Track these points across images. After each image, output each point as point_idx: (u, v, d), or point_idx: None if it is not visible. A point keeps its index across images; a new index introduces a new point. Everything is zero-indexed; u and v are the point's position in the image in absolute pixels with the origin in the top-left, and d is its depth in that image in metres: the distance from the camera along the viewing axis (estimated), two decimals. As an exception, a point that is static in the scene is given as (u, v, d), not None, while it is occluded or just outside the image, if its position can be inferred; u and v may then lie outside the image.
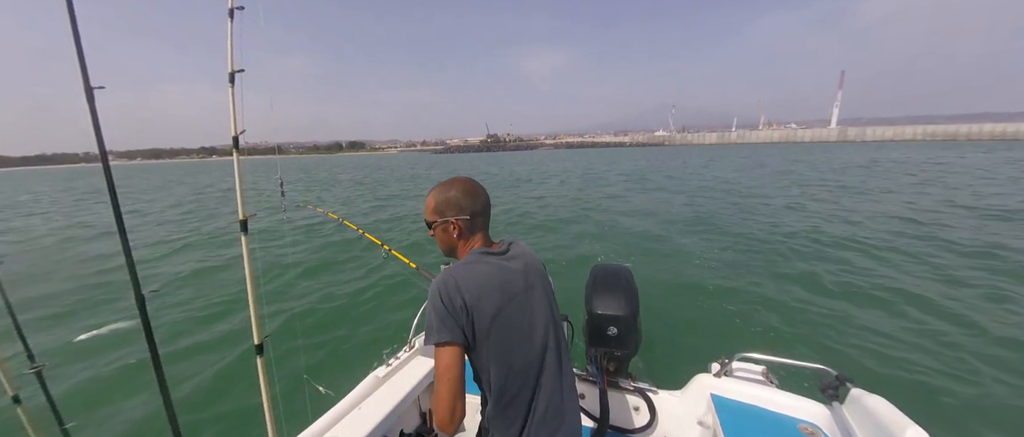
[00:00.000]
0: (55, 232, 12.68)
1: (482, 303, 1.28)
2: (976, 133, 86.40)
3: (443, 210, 1.43)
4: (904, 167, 27.61)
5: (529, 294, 1.39)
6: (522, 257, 1.46)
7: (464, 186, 1.44)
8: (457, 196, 1.42)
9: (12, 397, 1.71)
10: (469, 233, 1.44)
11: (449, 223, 1.42)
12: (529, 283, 1.41)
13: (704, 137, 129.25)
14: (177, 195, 26.34)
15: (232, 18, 1.95)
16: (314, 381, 3.92)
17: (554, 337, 1.41)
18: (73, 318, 5.88)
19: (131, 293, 1.79)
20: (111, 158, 1.72)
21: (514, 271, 1.39)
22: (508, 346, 1.31)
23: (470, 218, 1.42)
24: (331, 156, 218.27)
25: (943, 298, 6.12)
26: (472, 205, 1.42)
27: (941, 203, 13.72)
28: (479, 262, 1.37)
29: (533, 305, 1.39)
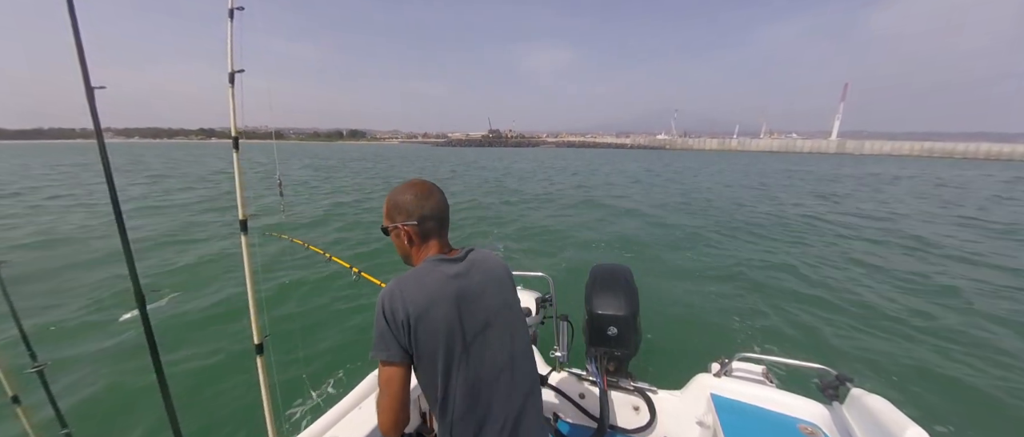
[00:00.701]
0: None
1: (429, 315, 1.21)
2: (973, 152, 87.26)
3: (393, 215, 1.37)
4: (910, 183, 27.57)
5: (483, 304, 1.32)
6: (481, 264, 1.39)
7: (416, 190, 1.36)
8: (408, 200, 1.34)
9: (12, 397, 1.71)
10: (421, 240, 1.36)
11: (399, 229, 1.36)
12: (485, 291, 1.34)
13: (705, 143, 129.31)
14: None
15: (232, 18, 1.95)
16: (314, 381, 3.93)
17: (510, 351, 1.33)
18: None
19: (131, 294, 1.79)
20: (109, 135, 1.71)
21: (468, 280, 1.32)
22: (457, 359, 1.23)
23: (418, 223, 1.33)
24: (332, 144, 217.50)
25: (943, 298, 6.13)
26: (422, 209, 1.34)
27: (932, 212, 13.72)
28: (430, 272, 1.30)
29: (488, 316, 1.32)
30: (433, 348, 1.21)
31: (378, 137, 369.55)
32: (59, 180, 23.48)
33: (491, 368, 1.27)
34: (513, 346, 1.34)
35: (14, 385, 1.70)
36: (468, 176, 29.36)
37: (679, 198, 17.85)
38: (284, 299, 6.37)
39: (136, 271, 1.82)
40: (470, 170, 35.39)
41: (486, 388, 1.25)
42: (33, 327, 4.73)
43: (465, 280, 1.31)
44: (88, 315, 5.87)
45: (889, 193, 20.08)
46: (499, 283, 1.40)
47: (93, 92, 1.62)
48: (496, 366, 1.28)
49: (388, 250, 8.47)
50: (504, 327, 1.34)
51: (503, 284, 1.41)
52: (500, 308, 1.35)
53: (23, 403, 1.72)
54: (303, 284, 7.15)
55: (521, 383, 1.33)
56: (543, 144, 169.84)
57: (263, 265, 6.88)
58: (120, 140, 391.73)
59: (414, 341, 1.21)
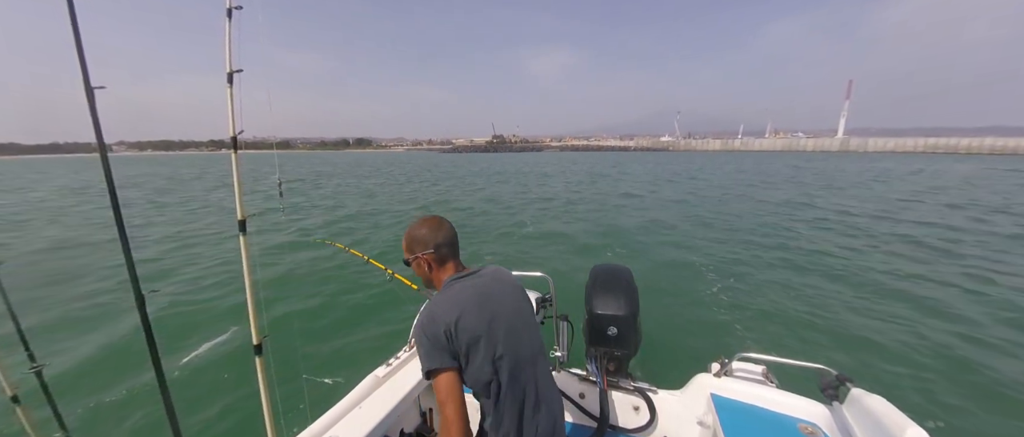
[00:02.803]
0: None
1: (462, 322, 1.40)
2: (977, 146, 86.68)
3: (413, 248, 1.59)
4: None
5: (505, 302, 1.53)
6: (494, 274, 1.61)
7: (429, 224, 1.60)
8: (424, 233, 1.58)
9: (11, 397, 1.71)
10: (439, 264, 1.58)
11: (419, 258, 1.58)
12: (503, 294, 1.55)
13: (708, 143, 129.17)
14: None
15: (230, 18, 1.96)
16: (313, 381, 3.94)
17: (535, 341, 1.55)
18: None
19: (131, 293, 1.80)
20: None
21: (487, 285, 1.54)
22: (495, 352, 1.41)
23: (435, 251, 1.56)
24: (339, 152, 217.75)
25: (943, 298, 6.11)
26: (436, 239, 1.57)
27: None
28: (452, 287, 1.52)
29: (510, 314, 1.51)
30: (475, 346, 1.40)
31: (383, 145, 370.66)
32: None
33: (525, 353, 1.48)
34: (534, 341, 1.55)
35: (13, 385, 1.71)
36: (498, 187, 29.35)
37: (679, 198, 17.83)
38: (285, 299, 6.39)
39: (136, 272, 1.82)
40: (479, 174, 35.44)
41: (522, 372, 1.46)
42: (32, 327, 4.76)
43: (484, 287, 1.52)
44: (88, 315, 5.90)
45: (890, 189, 19.98)
46: (513, 289, 1.61)
47: (93, 92, 1.63)
48: (528, 352, 1.49)
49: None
50: (524, 324, 1.54)
51: (516, 290, 1.63)
52: (518, 308, 1.56)
53: (22, 403, 1.72)
54: (305, 284, 7.17)
55: (546, 370, 1.56)
56: (547, 148, 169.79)
57: (311, 272, 6.91)
58: (133, 153, 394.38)
59: (458, 346, 1.39)
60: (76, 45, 1.57)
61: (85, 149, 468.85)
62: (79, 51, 1.58)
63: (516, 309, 1.55)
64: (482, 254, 9.48)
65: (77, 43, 1.57)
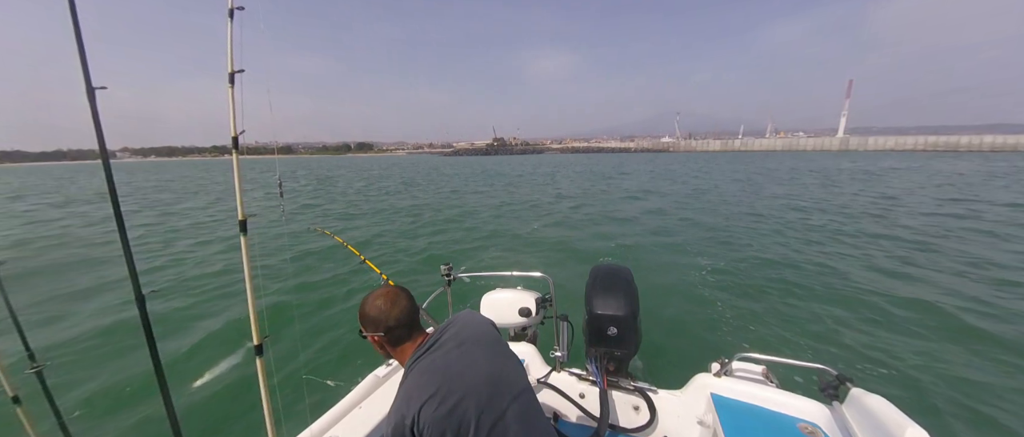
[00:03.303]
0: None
1: (425, 413, 1.24)
2: (977, 144, 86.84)
3: (365, 325, 1.46)
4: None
5: (476, 366, 1.35)
6: (459, 333, 1.45)
7: (381, 301, 1.45)
8: (374, 314, 1.44)
9: (12, 397, 1.71)
10: (393, 345, 1.46)
11: (371, 339, 1.46)
12: (474, 354, 1.39)
13: (708, 144, 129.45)
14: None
15: (232, 18, 1.96)
16: (314, 381, 3.94)
17: (517, 393, 1.36)
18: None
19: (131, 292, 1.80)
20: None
21: (452, 356, 1.37)
22: (470, 432, 1.24)
23: (387, 334, 1.43)
24: (341, 157, 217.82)
25: (942, 297, 6.11)
26: (387, 321, 1.42)
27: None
28: (413, 371, 1.36)
29: (482, 380, 1.33)
30: (447, 429, 1.22)
31: (385, 148, 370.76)
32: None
33: (502, 413, 1.29)
34: (514, 393, 1.36)
35: (13, 386, 1.71)
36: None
37: (679, 199, 17.82)
38: (285, 299, 6.39)
39: (136, 271, 1.82)
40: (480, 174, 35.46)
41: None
42: (32, 327, 4.76)
43: (448, 362, 1.35)
44: (88, 315, 5.90)
45: (887, 188, 19.95)
46: (485, 347, 1.43)
47: (94, 92, 1.63)
48: (503, 411, 1.29)
49: (426, 267, 8.51)
50: (504, 391, 1.34)
51: (491, 346, 1.45)
52: (492, 374, 1.36)
53: (23, 404, 1.72)
54: (305, 284, 7.18)
55: (533, 419, 1.36)
56: (547, 150, 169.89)
57: (312, 272, 6.87)
58: (137, 159, 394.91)
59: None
60: (77, 45, 1.57)
61: (90, 156, 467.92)
62: (81, 51, 1.58)
63: (489, 369, 1.37)
64: (483, 253, 9.49)
65: (78, 43, 1.57)
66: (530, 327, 3.00)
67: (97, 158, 1.73)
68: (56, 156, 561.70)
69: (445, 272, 2.92)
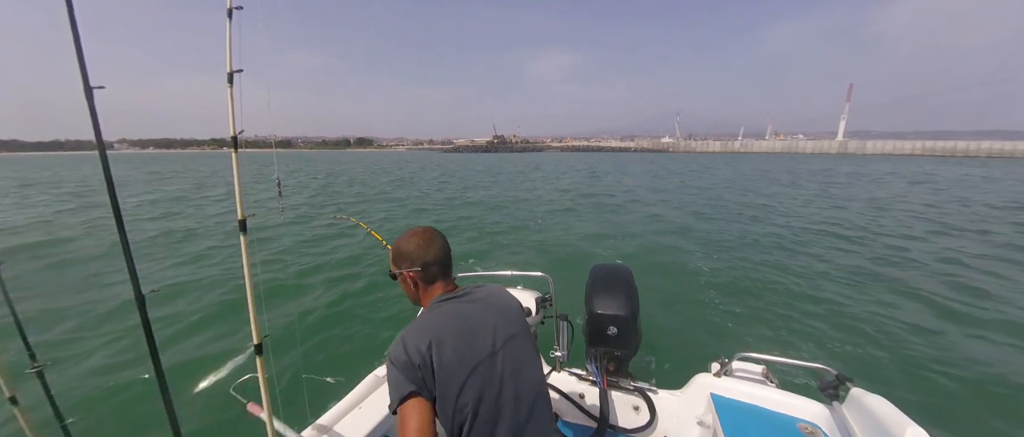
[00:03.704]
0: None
1: (438, 350, 1.24)
2: (974, 150, 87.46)
3: (399, 262, 1.46)
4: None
5: (490, 337, 1.34)
6: (486, 299, 1.44)
7: (419, 237, 1.45)
8: (412, 249, 1.43)
9: (9, 398, 1.71)
10: (426, 284, 1.44)
11: (404, 275, 1.45)
12: (491, 325, 1.37)
13: (708, 145, 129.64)
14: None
15: (231, 18, 1.95)
16: (314, 381, 3.92)
17: (516, 384, 1.32)
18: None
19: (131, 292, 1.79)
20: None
21: (476, 312, 1.38)
22: (468, 390, 1.24)
23: (422, 269, 1.42)
24: (341, 151, 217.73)
25: (944, 297, 6.11)
26: (425, 256, 1.42)
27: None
28: (435, 312, 1.36)
29: (498, 347, 1.33)
30: (447, 381, 1.23)
31: (384, 144, 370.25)
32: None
33: (508, 396, 1.28)
34: (526, 373, 1.35)
35: (13, 386, 1.70)
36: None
37: (679, 199, 17.81)
38: (284, 298, 6.39)
39: (136, 271, 1.82)
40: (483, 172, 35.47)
41: (498, 419, 1.26)
42: (32, 327, 4.76)
43: (470, 315, 1.36)
44: (88, 315, 5.90)
45: (884, 191, 19.98)
46: (505, 317, 1.42)
47: (92, 91, 1.62)
48: (512, 394, 1.29)
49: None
50: (513, 356, 1.35)
51: (510, 318, 1.43)
52: (509, 337, 1.37)
53: (21, 404, 1.72)
54: (304, 283, 7.18)
55: (537, 413, 1.34)
56: (547, 149, 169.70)
57: (313, 272, 6.90)
58: (135, 150, 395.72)
59: (431, 377, 1.23)
60: (75, 45, 1.56)
61: (87, 146, 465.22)
62: (78, 51, 1.57)
63: (508, 340, 1.36)
64: (483, 253, 9.48)
65: (76, 43, 1.56)
66: (530, 327, 3.01)
67: (95, 149, 1.72)
68: (53, 146, 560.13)
69: None
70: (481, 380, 1.26)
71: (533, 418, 1.32)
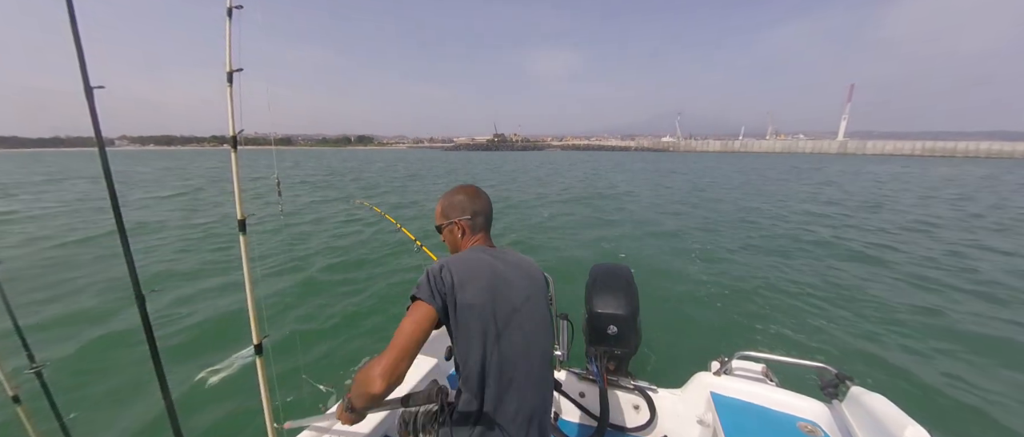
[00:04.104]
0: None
1: (469, 286, 1.32)
2: (973, 150, 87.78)
3: (449, 213, 1.58)
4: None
5: (514, 290, 1.41)
6: (515, 259, 1.52)
7: (467, 191, 1.59)
8: (462, 199, 1.57)
9: (12, 397, 1.71)
10: (472, 232, 1.56)
11: (454, 224, 1.56)
12: (517, 281, 1.44)
13: (708, 144, 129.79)
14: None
15: (231, 17, 1.95)
16: (313, 381, 3.93)
17: (534, 339, 1.40)
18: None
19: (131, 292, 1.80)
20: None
21: (504, 267, 1.44)
22: (491, 333, 1.31)
23: (471, 218, 1.55)
24: (347, 150, 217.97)
25: (945, 294, 6.11)
26: (473, 206, 1.56)
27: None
28: (472, 254, 1.45)
29: (517, 302, 1.39)
30: (470, 318, 1.31)
31: (385, 142, 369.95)
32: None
33: (519, 349, 1.35)
34: (537, 336, 1.42)
35: (13, 385, 1.71)
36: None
37: (678, 198, 17.81)
38: (284, 298, 6.39)
39: (136, 271, 1.82)
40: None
41: (512, 367, 1.33)
42: (32, 327, 4.76)
43: (501, 267, 1.43)
44: (88, 315, 5.90)
45: (883, 189, 20.00)
46: (530, 278, 1.50)
47: (92, 91, 1.63)
48: (522, 349, 1.36)
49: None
50: (530, 316, 1.41)
51: (534, 280, 1.51)
52: (528, 298, 1.44)
53: (23, 403, 1.73)
54: (304, 282, 7.18)
55: (542, 373, 1.41)
56: (548, 148, 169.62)
57: (313, 271, 6.94)
58: (136, 147, 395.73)
59: (453, 306, 1.31)
60: (75, 44, 1.56)
61: (87, 143, 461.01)
62: (78, 51, 1.57)
63: (528, 300, 1.43)
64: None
65: (76, 42, 1.56)
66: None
67: (94, 145, 1.73)
68: (53, 143, 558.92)
69: None
70: (498, 327, 1.33)
71: (540, 376, 1.39)
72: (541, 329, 1.44)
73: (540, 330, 1.43)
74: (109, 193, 1.71)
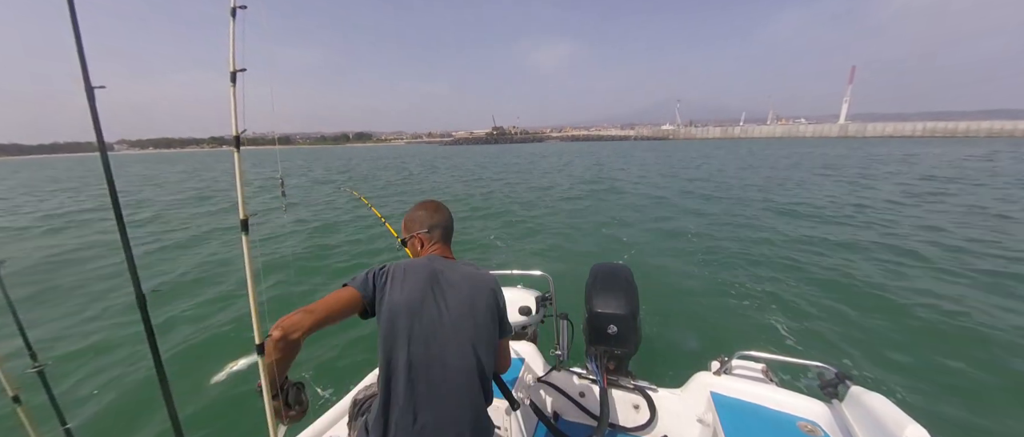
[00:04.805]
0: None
1: (397, 286, 1.40)
2: (974, 129, 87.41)
3: (410, 227, 1.67)
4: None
5: (449, 300, 1.41)
6: (467, 272, 1.51)
7: (427, 206, 1.69)
8: (421, 214, 1.66)
9: (12, 397, 1.71)
10: (430, 244, 1.63)
11: (414, 238, 1.65)
12: (457, 292, 1.43)
13: (709, 131, 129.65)
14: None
15: (234, 17, 1.93)
16: (314, 381, 3.94)
17: (458, 357, 1.35)
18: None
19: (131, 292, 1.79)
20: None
21: (450, 277, 1.47)
22: (406, 334, 1.33)
23: (429, 231, 1.64)
24: (341, 147, 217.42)
25: (944, 294, 6.12)
26: (431, 221, 1.65)
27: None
28: (420, 260, 1.52)
29: (450, 315, 1.38)
30: (389, 316, 1.36)
31: (383, 138, 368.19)
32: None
33: (437, 359, 1.33)
34: (464, 351, 1.36)
35: (14, 385, 1.71)
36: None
37: (678, 196, 17.78)
38: (286, 298, 6.40)
39: (136, 271, 1.82)
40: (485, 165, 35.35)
41: (425, 376, 1.31)
42: (33, 327, 4.77)
43: (444, 276, 1.46)
44: (89, 315, 5.90)
45: (885, 178, 19.95)
46: (474, 292, 1.46)
47: (93, 91, 1.61)
48: (440, 359, 1.33)
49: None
50: (460, 329, 1.38)
51: (479, 294, 1.46)
52: (464, 314, 1.40)
53: (24, 403, 1.72)
54: (304, 282, 7.18)
55: (465, 391, 1.34)
56: (547, 139, 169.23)
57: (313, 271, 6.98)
58: (136, 151, 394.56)
59: (380, 301, 1.40)
60: (76, 44, 1.55)
61: (85, 148, 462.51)
62: (79, 51, 1.56)
63: (463, 316, 1.39)
64: (483, 251, 9.49)
65: (77, 42, 1.55)
66: (530, 326, 3.01)
67: (93, 150, 1.72)
68: (53, 149, 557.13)
69: None
70: (417, 332, 1.34)
71: (462, 393, 1.33)
72: (474, 344, 1.38)
73: (469, 345, 1.37)
74: (110, 193, 1.70)
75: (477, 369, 1.37)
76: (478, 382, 1.38)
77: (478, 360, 1.38)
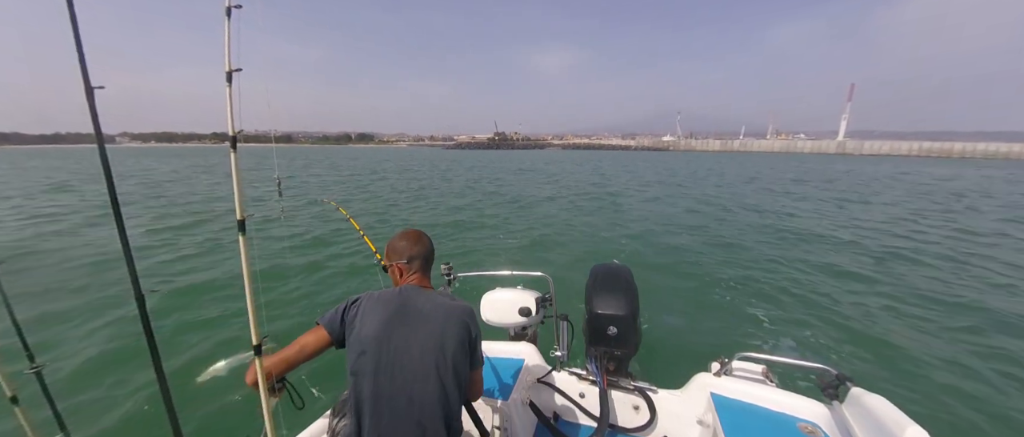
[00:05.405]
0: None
1: (366, 319, 1.45)
2: (970, 151, 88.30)
3: (390, 256, 1.70)
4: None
5: (417, 335, 1.44)
6: (440, 302, 1.53)
7: (408, 236, 1.70)
8: (402, 245, 1.68)
9: (10, 398, 1.70)
10: (409, 274, 1.66)
11: (393, 266, 1.68)
12: (427, 327, 1.46)
13: (708, 144, 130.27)
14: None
15: (230, 16, 1.94)
16: (314, 381, 3.92)
17: (421, 388, 1.38)
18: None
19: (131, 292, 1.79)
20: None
21: (420, 309, 1.50)
22: (363, 365, 1.40)
23: (408, 261, 1.65)
24: (343, 147, 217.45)
25: (945, 295, 6.10)
26: (411, 251, 1.66)
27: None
28: (394, 291, 1.56)
29: (416, 347, 1.42)
30: (357, 348, 1.42)
31: (385, 140, 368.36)
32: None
33: (400, 389, 1.38)
34: (428, 383, 1.40)
35: (12, 385, 1.70)
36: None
37: (678, 198, 17.81)
38: (284, 298, 6.39)
39: (135, 271, 1.82)
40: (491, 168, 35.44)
41: (386, 405, 1.37)
42: (31, 327, 4.76)
43: (414, 308, 1.50)
44: (88, 315, 5.89)
45: (878, 190, 19.98)
46: (446, 324, 1.48)
47: (93, 91, 1.62)
48: (404, 389, 1.38)
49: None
50: (427, 364, 1.41)
51: (450, 326, 1.48)
52: (432, 347, 1.43)
53: (21, 403, 1.72)
54: (304, 282, 7.17)
55: (428, 422, 1.38)
56: (549, 146, 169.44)
57: (313, 271, 6.97)
58: (137, 144, 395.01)
59: (350, 333, 1.47)
60: (76, 44, 1.55)
61: (87, 140, 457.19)
62: (79, 50, 1.56)
63: (429, 350, 1.42)
64: (483, 252, 9.48)
65: (77, 42, 1.55)
66: (530, 327, 3.00)
67: (94, 142, 1.72)
68: (54, 139, 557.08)
69: (446, 272, 2.91)
70: (381, 363, 1.39)
71: (425, 424, 1.37)
72: (440, 375, 1.41)
73: (435, 377, 1.40)
74: (109, 192, 1.70)
75: (441, 401, 1.40)
76: (441, 413, 1.40)
77: (444, 392, 1.41)
